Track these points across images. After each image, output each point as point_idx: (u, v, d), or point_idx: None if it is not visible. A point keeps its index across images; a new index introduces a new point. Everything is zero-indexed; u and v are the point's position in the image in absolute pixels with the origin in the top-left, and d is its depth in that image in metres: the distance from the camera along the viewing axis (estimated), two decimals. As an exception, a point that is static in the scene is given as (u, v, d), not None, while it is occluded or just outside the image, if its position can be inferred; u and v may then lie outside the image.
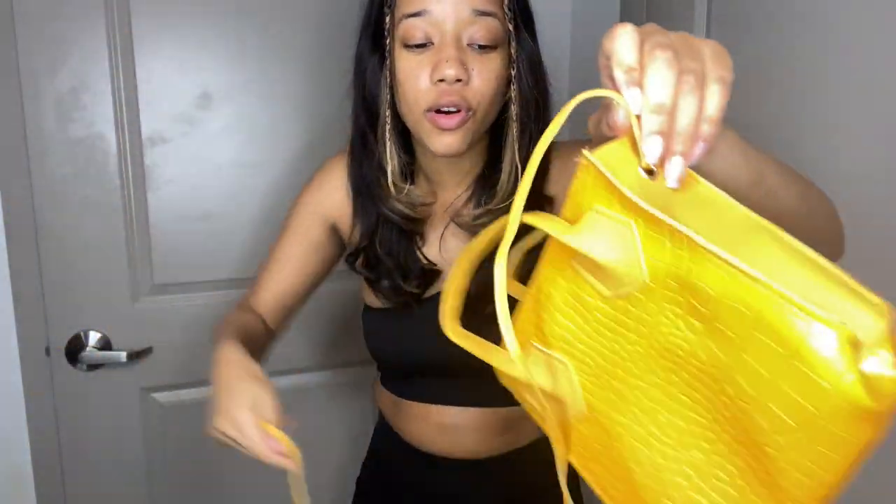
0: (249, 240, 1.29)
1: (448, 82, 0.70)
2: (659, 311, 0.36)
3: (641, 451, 0.40)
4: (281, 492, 1.42)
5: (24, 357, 1.18)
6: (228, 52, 1.22)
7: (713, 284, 0.33)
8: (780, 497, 0.35)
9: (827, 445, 0.32)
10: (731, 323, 0.33)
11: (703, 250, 0.33)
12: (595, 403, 0.41)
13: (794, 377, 0.31)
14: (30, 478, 1.21)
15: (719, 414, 0.36)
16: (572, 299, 0.40)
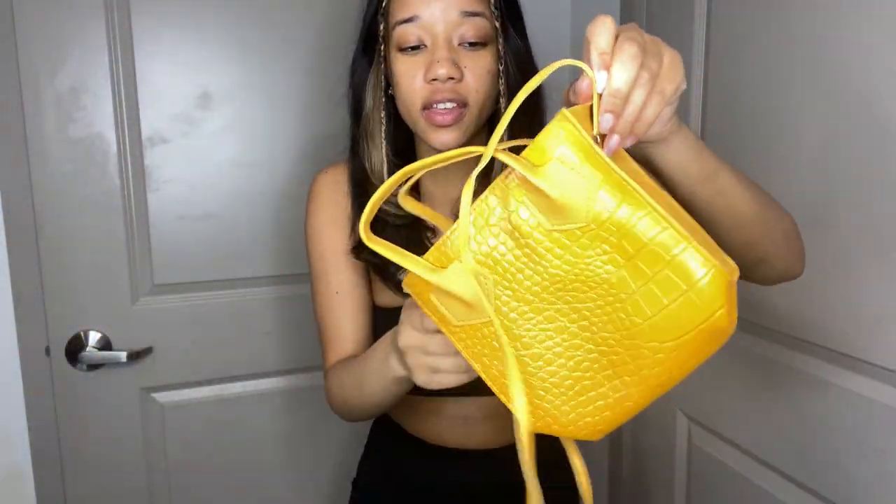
0: (249, 240, 1.29)
1: (441, 81, 0.73)
2: (590, 246, 0.47)
3: (535, 350, 0.51)
4: (281, 492, 1.43)
5: (24, 357, 1.18)
6: (228, 52, 1.23)
7: (646, 232, 0.45)
8: (641, 383, 0.52)
9: (689, 353, 0.48)
10: (649, 261, 0.45)
11: (647, 205, 0.45)
12: (506, 312, 0.51)
13: (686, 304, 0.45)
14: (30, 478, 1.21)
15: (611, 325, 0.49)
16: (510, 225, 0.49)
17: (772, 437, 0.96)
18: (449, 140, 0.76)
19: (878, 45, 0.76)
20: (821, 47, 0.83)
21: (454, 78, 0.74)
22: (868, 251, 0.79)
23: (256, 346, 1.32)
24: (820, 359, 0.88)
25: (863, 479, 0.82)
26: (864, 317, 0.80)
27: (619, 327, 0.49)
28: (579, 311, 0.50)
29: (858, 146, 0.79)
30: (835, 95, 0.82)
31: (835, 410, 0.85)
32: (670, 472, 1.20)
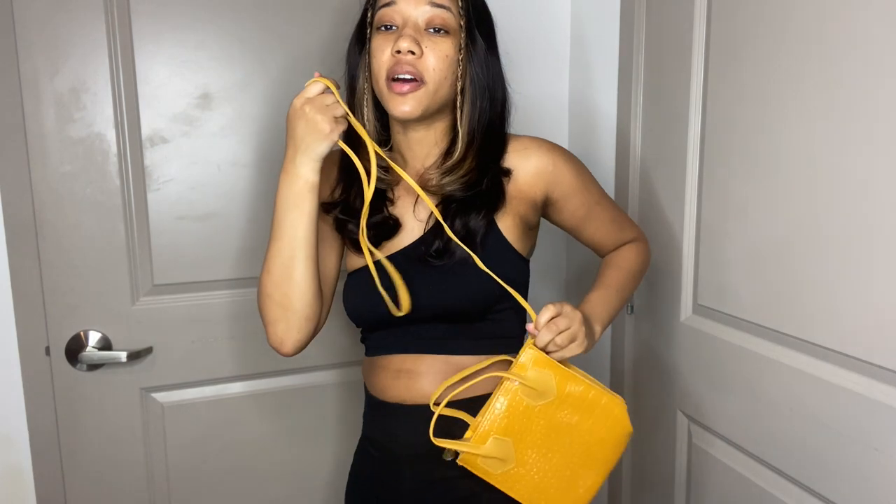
0: (249, 240, 1.29)
1: (402, 53, 0.86)
2: (559, 408, 0.88)
3: (537, 469, 0.90)
4: (280, 491, 1.43)
5: (24, 357, 1.18)
6: (228, 52, 1.23)
7: (584, 395, 0.88)
8: (592, 476, 0.91)
9: (611, 458, 0.91)
10: (589, 408, 0.88)
11: (581, 381, 0.88)
12: (522, 457, 0.89)
13: (612, 426, 0.89)
14: (30, 477, 1.22)
15: (576, 448, 0.89)
16: (523, 410, 0.88)
17: (772, 437, 0.96)
18: (407, 109, 0.88)
19: (879, 45, 0.76)
20: (821, 47, 0.83)
21: (414, 53, 0.86)
22: (868, 252, 0.79)
23: (256, 346, 1.32)
24: (820, 359, 0.88)
25: (862, 479, 0.82)
26: (865, 317, 0.80)
27: (581, 444, 0.89)
28: (560, 442, 0.89)
29: (858, 146, 0.79)
30: (835, 95, 0.82)
31: (835, 410, 0.85)
32: (670, 472, 1.20)
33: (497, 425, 0.86)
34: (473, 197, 0.92)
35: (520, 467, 0.88)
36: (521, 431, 0.87)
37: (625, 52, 1.26)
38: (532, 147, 0.97)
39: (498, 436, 0.87)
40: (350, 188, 0.98)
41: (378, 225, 0.95)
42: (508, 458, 0.87)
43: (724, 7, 1.00)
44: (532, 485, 0.89)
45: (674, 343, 1.16)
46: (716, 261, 1.05)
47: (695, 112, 1.07)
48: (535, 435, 0.87)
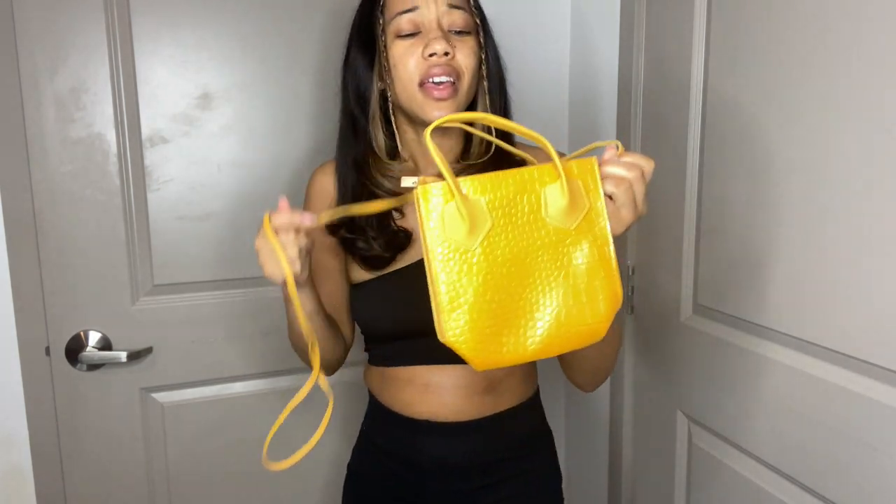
0: (249, 240, 1.28)
1: (438, 55, 0.85)
2: (574, 242, 0.69)
3: (514, 275, 0.68)
4: (280, 492, 1.43)
5: (24, 357, 1.18)
6: (228, 52, 1.23)
7: (607, 252, 0.70)
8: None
9: (574, 335, 0.70)
10: (594, 272, 0.70)
11: (607, 238, 0.70)
12: (495, 251, 0.68)
13: (594, 305, 0.70)
14: (30, 478, 1.22)
15: (552, 294, 0.69)
16: (532, 203, 0.68)
17: (772, 436, 0.96)
18: (444, 114, 0.85)
19: (881, 44, 0.76)
20: (822, 46, 0.83)
21: (448, 53, 0.85)
22: (868, 252, 0.79)
23: (256, 346, 1.32)
24: (820, 359, 0.88)
25: (862, 479, 0.82)
26: (865, 317, 0.80)
27: (548, 297, 0.69)
28: (530, 275, 0.69)
29: (859, 146, 0.79)
30: (835, 94, 0.82)
31: (835, 410, 0.85)
32: (670, 472, 1.20)
33: (499, 184, 0.67)
34: None
35: (476, 256, 0.67)
36: (519, 224, 0.68)
37: (625, 52, 1.26)
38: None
39: (486, 200, 0.67)
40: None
41: (390, 239, 0.93)
42: (478, 232, 0.67)
43: (724, 6, 1.00)
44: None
45: (674, 343, 1.16)
46: (716, 261, 1.05)
47: (695, 112, 1.07)
48: (526, 240, 0.68)
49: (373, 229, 0.92)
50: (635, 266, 1.27)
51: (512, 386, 0.97)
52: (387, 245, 0.92)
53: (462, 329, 0.68)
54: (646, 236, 1.24)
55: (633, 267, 1.27)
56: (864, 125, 0.78)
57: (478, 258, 0.67)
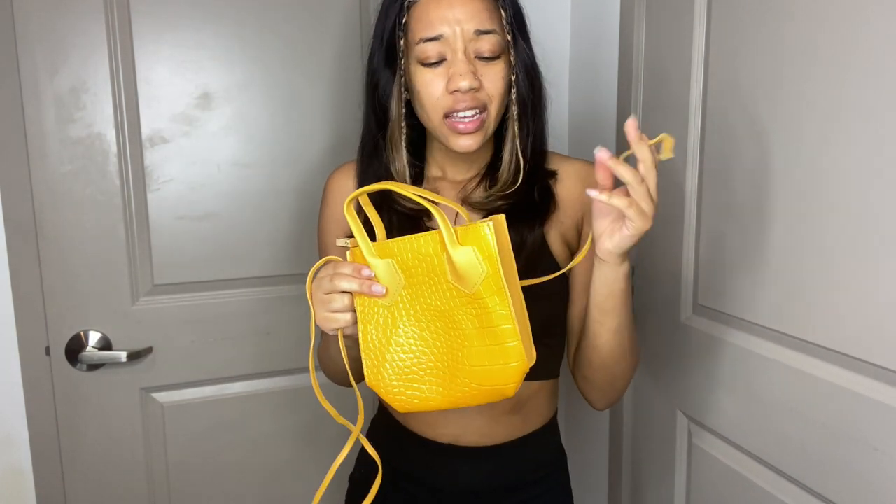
0: (249, 240, 1.29)
1: (462, 91, 0.81)
2: (466, 305, 0.71)
3: (401, 339, 0.74)
4: (280, 492, 1.43)
5: (24, 357, 1.18)
6: (228, 52, 1.23)
7: (499, 322, 0.70)
8: (444, 396, 0.74)
9: (478, 396, 0.72)
10: (491, 337, 0.71)
11: (507, 306, 0.69)
12: (399, 307, 0.74)
13: (496, 372, 0.71)
14: (30, 477, 1.22)
15: (449, 353, 0.73)
16: (432, 264, 0.72)
17: (772, 437, 0.96)
18: (471, 144, 0.85)
19: (882, 44, 0.76)
20: (821, 45, 0.83)
21: (474, 88, 0.82)
22: (868, 252, 0.79)
23: (256, 346, 1.32)
24: (820, 359, 0.88)
25: (862, 479, 0.82)
26: (865, 317, 0.80)
27: (453, 358, 0.73)
28: (438, 335, 0.73)
29: (859, 146, 0.79)
30: (836, 94, 0.82)
31: (835, 410, 0.85)
32: (670, 472, 1.20)
33: (403, 249, 0.72)
34: (524, 208, 0.89)
35: (385, 309, 0.73)
36: (419, 284, 0.72)
37: (625, 52, 1.26)
38: (585, 167, 0.94)
39: (394, 262, 0.73)
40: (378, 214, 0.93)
41: None
42: (391, 292, 0.73)
43: (724, 6, 1.00)
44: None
45: (674, 343, 1.16)
46: (716, 261, 1.05)
47: (695, 111, 1.07)
48: (427, 301, 0.73)
49: (399, 232, 0.90)
50: (635, 266, 1.27)
51: (538, 405, 0.96)
52: None
53: (382, 377, 0.75)
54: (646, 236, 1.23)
55: (633, 267, 1.27)
56: (863, 124, 0.78)
57: (394, 311, 0.74)
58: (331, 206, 0.99)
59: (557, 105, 1.47)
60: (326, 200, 0.99)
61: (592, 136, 1.40)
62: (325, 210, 0.99)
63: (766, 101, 0.93)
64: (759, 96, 0.94)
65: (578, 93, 1.45)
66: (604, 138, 1.35)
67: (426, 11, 0.82)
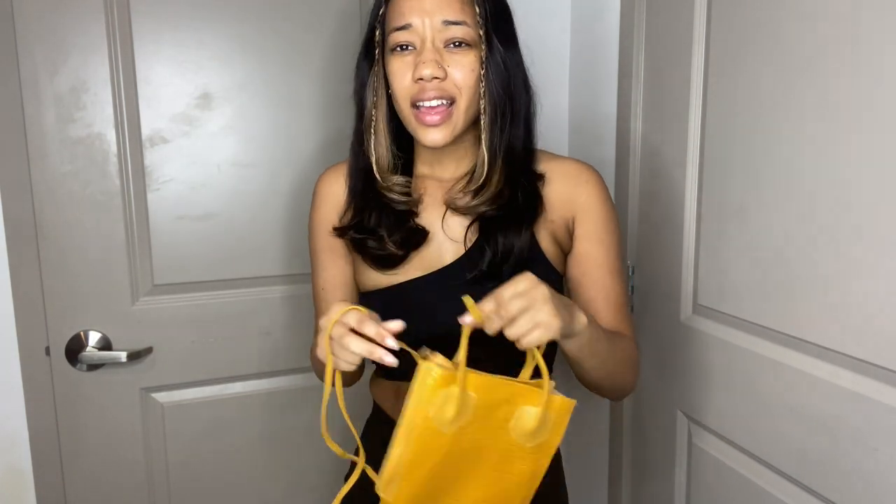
0: (249, 240, 1.29)
1: (426, 80, 0.82)
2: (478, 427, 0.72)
3: (462, 463, 0.73)
4: (280, 492, 1.43)
5: (24, 357, 1.18)
6: (228, 52, 1.23)
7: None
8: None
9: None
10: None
11: None
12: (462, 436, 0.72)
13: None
14: (30, 477, 1.22)
15: (503, 465, 0.74)
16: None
17: (772, 437, 0.96)
18: (437, 138, 0.85)
19: (879, 46, 0.76)
20: (821, 45, 0.83)
21: (438, 77, 0.82)
22: (868, 252, 0.79)
23: (256, 346, 1.32)
24: (820, 359, 0.88)
25: (862, 479, 0.82)
26: (864, 317, 0.80)
27: (484, 492, 0.75)
28: (485, 467, 0.74)
29: (858, 144, 0.79)
30: (835, 95, 0.82)
31: (835, 410, 0.85)
32: (670, 472, 1.20)
33: (481, 384, 0.71)
34: (510, 213, 0.88)
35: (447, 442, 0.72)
36: (477, 419, 0.71)
37: (625, 52, 1.26)
38: (574, 166, 0.93)
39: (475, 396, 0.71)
40: (363, 210, 0.94)
41: (407, 236, 0.91)
42: (461, 416, 0.71)
43: (724, 7, 1.00)
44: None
45: (674, 343, 1.16)
46: (716, 261, 1.05)
47: (695, 112, 1.07)
48: (472, 435, 0.72)
49: (386, 228, 0.91)
50: (635, 266, 1.27)
51: None
52: (402, 242, 0.90)
53: (400, 492, 0.73)
54: (646, 236, 1.24)
55: (633, 267, 1.27)
56: (863, 124, 0.78)
57: (446, 441, 0.71)
58: (320, 210, 0.98)
59: (557, 105, 1.47)
60: (316, 204, 0.99)
61: (592, 136, 1.40)
62: (316, 214, 0.99)
63: (766, 101, 0.93)
64: (758, 96, 0.94)
65: (578, 93, 1.44)
66: (604, 138, 1.35)
67: (400, 2, 0.85)
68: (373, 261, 0.92)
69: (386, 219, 0.91)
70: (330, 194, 0.98)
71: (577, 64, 1.44)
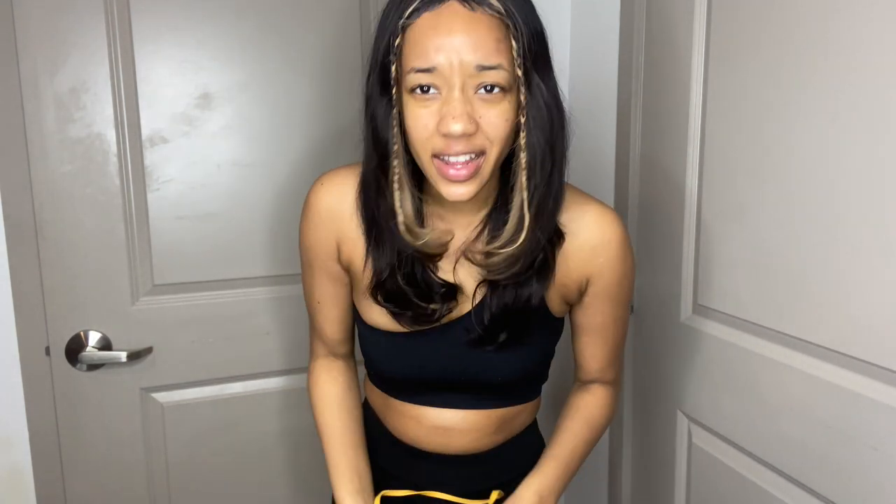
0: (249, 240, 1.29)
1: (454, 137, 0.70)
2: None
3: None
4: (280, 492, 1.42)
5: (24, 357, 1.18)
6: (228, 52, 1.22)
7: None
8: None
9: None
10: None
11: None
12: None
13: None
14: (30, 478, 1.22)
15: None
16: None
17: (772, 437, 0.96)
18: (463, 193, 0.73)
19: (882, 45, 0.76)
20: (821, 45, 0.83)
21: (469, 133, 0.70)
22: (868, 252, 0.79)
23: (256, 346, 1.32)
24: (820, 359, 0.88)
25: (862, 479, 0.82)
26: (865, 317, 0.80)
27: None
28: None
29: (859, 146, 0.79)
30: (836, 95, 0.82)
31: (835, 410, 0.85)
32: (670, 472, 1.20)
33: None
34: (525, 281, 0.82)
35: None
36: None
37: (625, 52, 1.26)
38: (594, 222, 0.85)
39: None
40: (388, 266, 0.84)
41: (443, 297, 0.84)
42: None
43: (724, 7, 1.00)
44: None
45: (674, 343, 1.16)
46: (716, 261, 1.05)
47: (695, 111, 1.07)
48: None
49: (422, 296, 0.84)
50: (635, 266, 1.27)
51: (521, 420, 0.97)
52: (443, 303, 0.84)
53: None
54: (646, 236, 1.24)
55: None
56: (864, 124, 0.78)
57: None
58: (318, 230, 0.89)
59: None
60: (312, 221, 0.89)
61: (592, 137, 1.40)
62: (312, 233, 0.89)
63: (766, 101, 0.93)
64: (759, 96, 0.94)
65: (578, 93, 1.44)
66: (603, 138, 1.35)
67: (421, 36, 0.69)
68: (409, 325, 0.86)
69: (416, 276, 0.83)
70: (329, 213, 0.87)
71: (577, 64, 1.44)
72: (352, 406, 0.98)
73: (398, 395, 0.93)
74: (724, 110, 1.01)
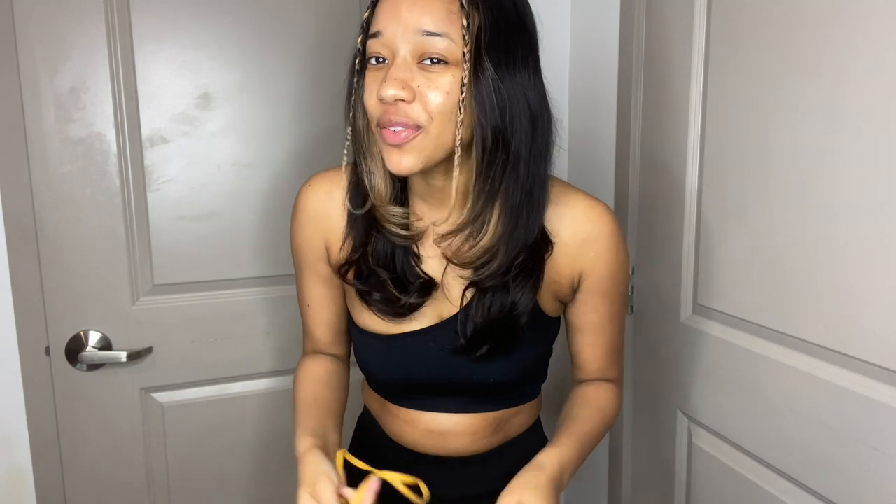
0: (249, 240, 1.29)
1: (387, 101, 0.69)
2: None
3: None
4: (280, 491, 1.42)
5: (24, 357, 1.18)
6: (228, 52, 1.23)
7: None
8: None
9: None
10: None
11: None
12: None
13: None
14: (30, 478, 1.22)
15: None
16: None
17: (772, 437, 0.96)
18: (401, 164, 0.72)
19: (881, 46, 0.76)
20: (822, 45, 0.83)
21: (403, 99, 0.69)
22: (868, 252, 0.79)
23: (256, 346, 1.32)
24: (820, 359, 0.88)
25: (862, 479, 0.82)
26: (864, 317, 0.80)
27: None
28: None
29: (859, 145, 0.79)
30: (836, 95, 0.82)
31: (835, 410, 0.85)
32: (670, 472, 1.20)
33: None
34: (511, 281, 0.80)
35: None
36: None
37: (625, 52, 1.26)
38: (583, 216, 0.83)
39: None
40: (361, 245, 0.85)
41: (419, 289, 0.83)
42: None
43: (724, 7, 1.00)
44: None
45: (674, 343, 1.16)
46: (716, 261, 1.05)
47: (695, 111, 1.07)
48: None
49: (397, 281, 0.83)
50: (635, 266, 1.27)
51: (520, 420, 0.96)
52: (417, 297, 0.83)
53: None
54: (646, 236, 1.24)
55: (633, 267, 1.27)
56: (864, 124, 0.78)
57: None
58: (306, 228, 0.89)
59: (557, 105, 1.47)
60: (300, 221, 0.90)
61: (592, 137, 1.40)
62: (301, 232, 0.90)
63: (766, 101, 0.93)
64: (758, 96, 0.94)
65: (578, 93, 1.44)
66: (603, 138, 1.35)
67: (381, 6, 0.72)
68: (379, 312, 0.85)
69: (393, 260, 0.83)
70: (316, 213, 0.88)
71: (577, 64, 1.44)
72: (334, 384, 0.93)
73: (393, 399, 0.93)
74: (724, 110, 1.01)
